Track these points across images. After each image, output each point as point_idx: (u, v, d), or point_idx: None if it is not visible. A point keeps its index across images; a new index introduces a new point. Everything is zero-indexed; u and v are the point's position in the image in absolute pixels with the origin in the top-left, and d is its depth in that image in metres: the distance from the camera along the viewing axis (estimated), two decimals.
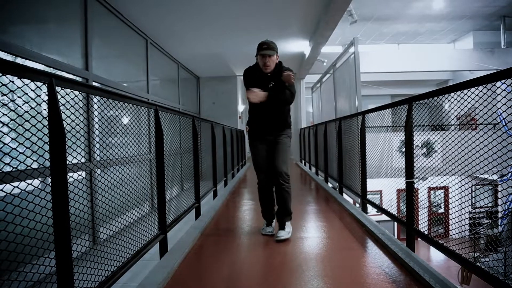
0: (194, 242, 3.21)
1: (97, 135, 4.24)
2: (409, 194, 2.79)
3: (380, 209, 3.61)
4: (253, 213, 4.37)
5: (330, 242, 3.18)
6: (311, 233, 3.42)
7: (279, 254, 2.88)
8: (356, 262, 2.69)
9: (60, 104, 1.51)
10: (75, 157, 1.69)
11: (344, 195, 5.29)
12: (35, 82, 1.41)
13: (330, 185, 6.65)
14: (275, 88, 3.22)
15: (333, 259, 2.76)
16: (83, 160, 4.10)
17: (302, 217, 4.08)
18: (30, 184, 1.41)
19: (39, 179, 1.51)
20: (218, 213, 4.43)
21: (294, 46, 8.81)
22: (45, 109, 1.47)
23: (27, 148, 1.40)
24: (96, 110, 4.24)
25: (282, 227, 3.28)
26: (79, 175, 1.73)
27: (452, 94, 2.10)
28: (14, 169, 1.34)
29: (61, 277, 1.48)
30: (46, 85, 1.46)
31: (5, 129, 1.38)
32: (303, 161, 11.23)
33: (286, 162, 3.31)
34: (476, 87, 1.86)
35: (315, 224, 3.74)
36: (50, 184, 1.48)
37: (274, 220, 3.51)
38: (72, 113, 1.73)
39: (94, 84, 4.94)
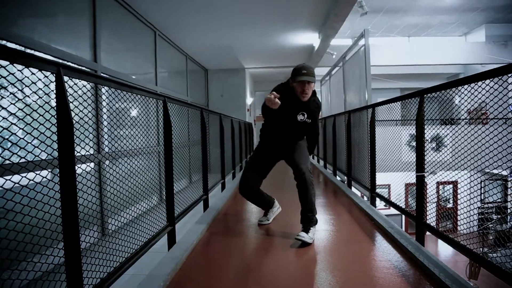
0: (202, 234, 3.21)
1: (105, 126, 4.25)
2: (419, 188, 2.76)
3: (389, 202, 3.58)
4: None
5: (339, 236, 3.17)
6: (320, 226, 3.39)
7: (288, 247, 2.87)
8: (365, 255, 2.67)
9: (68, 94, 1.50)
10: (83, 148, 1.68)
11: (353, 189, 5.26)
12: (42, 71, 1.40)
13: (338, 178, 6.61)
14: (305, 123, 3.10)
15: (342, 253, 2.74)
16: (91, 151, 4.11)
17: None
18: (39, 174, 1.41)
19: (48, 169, 1.51)
20: (226, 205, 4.43)
21: (303, 38, 8.72)
22: (53, 99, 1.46)
23: (35, 138, 1.40)
24: (104, 101, 4.24)
25: (306, 230, 2.95)
26: (88, 165, 1.72)
27: (466, 86, 2.05)
28: (22, 159, 1.33)
29: (69, 268, 1.48)
30: (54, 74, 1.45)
31: (14, 119, 1.37)
32: (311, 155, 11.20)
33: (306, 159, 3.24)
34: (491, 79, 1.81)
35: (324, 217, 3.72)
36: (58, 175, 1.47)
37: (271, 210, 3.58)
38: (80, 103, 1.73)
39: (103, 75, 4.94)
